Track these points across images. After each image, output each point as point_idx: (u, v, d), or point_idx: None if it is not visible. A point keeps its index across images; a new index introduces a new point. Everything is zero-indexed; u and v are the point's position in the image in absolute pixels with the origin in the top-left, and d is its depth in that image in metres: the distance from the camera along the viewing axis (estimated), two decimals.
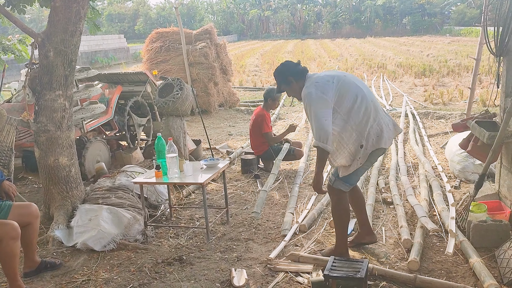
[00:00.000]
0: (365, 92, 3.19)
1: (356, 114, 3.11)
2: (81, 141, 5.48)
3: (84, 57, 26.76)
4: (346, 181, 3.30)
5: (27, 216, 3.18)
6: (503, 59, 3.95)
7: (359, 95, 3.14)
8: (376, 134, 3.16)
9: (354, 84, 3.19)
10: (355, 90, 3.15)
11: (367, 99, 3.16)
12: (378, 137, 3.16)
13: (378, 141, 3.17)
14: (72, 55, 4.10)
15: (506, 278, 3.01)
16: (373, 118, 3.15)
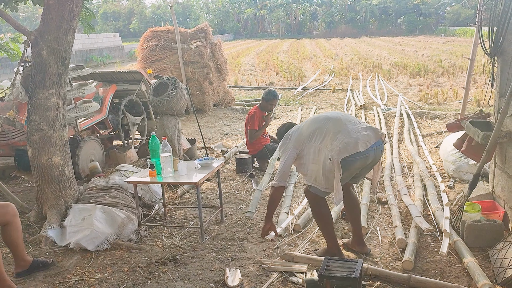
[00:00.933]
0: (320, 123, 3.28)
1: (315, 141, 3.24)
2: (74, 140, 5.44)
3: (78, 55, 26.64)
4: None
5: (4, 216, 3.13)
6: (497, 60, 3.96)
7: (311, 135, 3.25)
8: (343, 142, 3.14)
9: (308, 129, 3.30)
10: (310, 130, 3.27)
11: (321, 129, 3.24)
12: (346, 144, 3.12)
13: (346, 147, 3.13)
14: (65, 53, 4.06)
15: (500, 278, 3.02)
16: (332, 133, 3.19)
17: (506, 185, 3.84)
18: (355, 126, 3.24)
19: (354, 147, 3.10)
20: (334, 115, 3.35)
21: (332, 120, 3.27)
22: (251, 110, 5.88)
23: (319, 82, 14.60)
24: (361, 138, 3.15)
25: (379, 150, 3.28)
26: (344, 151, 3.09)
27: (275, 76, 16.97)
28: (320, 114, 3.46)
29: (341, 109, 10.04)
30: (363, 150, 3.12)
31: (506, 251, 3.15)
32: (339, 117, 3.31)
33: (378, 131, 3.28)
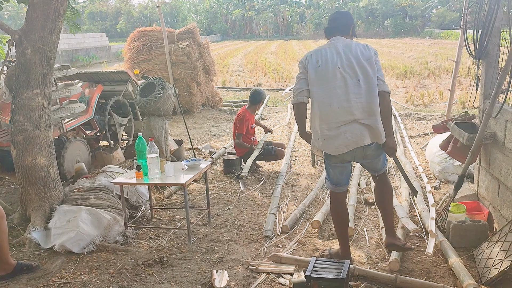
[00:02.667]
0: (344, 94, 3.01)
1: (317, 104, 3.11)
2: (60, 140, 5.38)
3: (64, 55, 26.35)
4: (328, 179, 3.32)
5: None
6: (482, 62, 4.01)
7: (328, 91, 3.04)
8: (316, 135, 3.12)
9: (334, 79, 3.03)
10: (330, 85, 3.03)
11: (340, 99, 3.01)
12: (325, 140, 3.08)
13: (323, 143, 3.09)
14: (50, 53, 4.01)
15: (485, 277, 3.05)
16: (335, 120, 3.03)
17: (491, 186, 3.89)
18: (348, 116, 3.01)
19: (328, 148, 3.09)
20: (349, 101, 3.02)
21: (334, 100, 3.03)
22: (240, 111, 5.85)
23: None
24: (342, 137, 3.02)
25: (364, 150, 3.09)
26: (322, 146, 3.12)
27: (263, 77, 16.98)
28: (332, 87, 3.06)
29: None
30: (337, 154, 3.10)
31: (490, 251, 3.19)
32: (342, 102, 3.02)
33: (378, 134, 3.06)
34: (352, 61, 3.04)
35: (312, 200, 4.69)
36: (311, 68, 3.08)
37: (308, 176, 5.59)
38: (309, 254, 3.56)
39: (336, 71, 3.03)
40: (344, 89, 3.02)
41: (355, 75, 3.02)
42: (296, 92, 3.15)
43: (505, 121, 3.55)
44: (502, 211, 3.65)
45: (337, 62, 3.04)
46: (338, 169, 3.24)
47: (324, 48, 3.14)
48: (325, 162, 3.29)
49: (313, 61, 3.08)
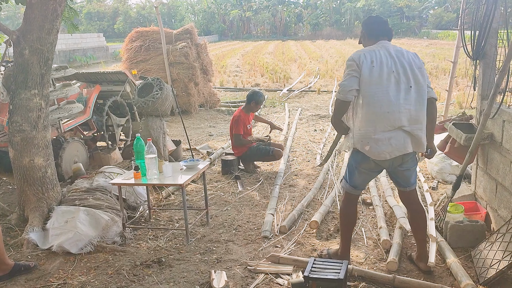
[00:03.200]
0: (395, 99, 2.93)
1: (367, 105, 2.97)
2: (58, 141, 5.37)
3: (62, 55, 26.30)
4: (347, 179, 3.24)
5: None
6: (479, 62, 4.02)
7: (381, 91, 2.94)
8: (367, 140, 2.98)
9: (388, 83, 2.95)
10: (383, 88, 2.95)
11: (390, 104, 2.93)
12: (368, 143, 2.98)
13: (365, 145, 2.99)
14: (48, 54, 4.01)
15: (482, 277, 3.06)
16: (383, 124, 2.94)
17: (488, 186, 3.91)
18: (396, 122, 2.94)
19: (370, 151, 2.99)
20: (399, 106, 2.95)
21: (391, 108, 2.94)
22: (235, 113, 5.87)
23: (304, 84, 14.66)
24: (386, 144, 2.95)
25: (403, 158, 3.06)
26: (360, 143, 3.01)
27: (261, 78, 16.99)
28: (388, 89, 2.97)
29: (326, 111, 10.09)
30: (377, 160, 3.02)
31: (488, 251, 3.20)
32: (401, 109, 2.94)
33: (420, 143, 3.03)
34: (406, 67, 3.00)
35: (310, 200, 4.69)
36: (366, 68, 2.96)
37: (306, 177, 5.59)
38: (307, 254, 3.56)
39: (390, 75, 2.97)
40: (396, 93, 2.95)
41: (408, 82, 2.98)
42: (345, 88, 2.96)
43: (502, 122, 3.57)
44: (499, 211, 3.66)
45: (392, 66, 2.98)
46: (363, 175, 3.19)
47: (377, 50, 3.04)
48: (351, 164, 3.19)
49: (368, 61, 2.97)
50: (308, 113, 9.90)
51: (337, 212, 4.37)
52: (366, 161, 3.08)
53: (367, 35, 3.22)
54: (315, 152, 6.71)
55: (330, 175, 5.48)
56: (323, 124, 8.77)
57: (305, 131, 8.17)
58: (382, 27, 3.19)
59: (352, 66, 3.00)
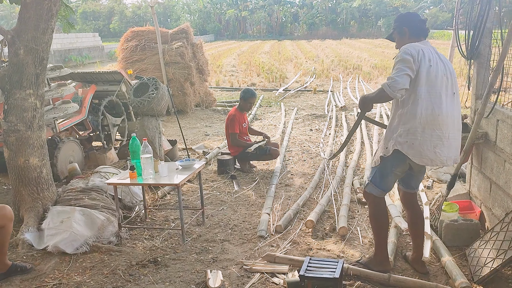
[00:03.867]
0: (445, 103, 2.90)
1: (420, 105, 2.87)
2: (53, 141, 5.35)
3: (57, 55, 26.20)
4: (377, 184, 3.12)
5: (1, 219, 3.09)
6: (474, 62, 4.05)
7: (437, 92, 2.88)
8: (412, 140, 2.90)
9: (441, 86, 2.90)
10: (437, 90, 2.89)
11: (441, 106, 2.89)
12: (411, 144, 2.91)
13: (407, 147, 2.91)
14: (43, 53, 3.99)
15: (477, 276, 3.08)
16: (428, 125, 2.88)
17: (482, 185, 3.93)
18: (447, 138, 2.92)
19: (414, 154, 2.91)
20: (449, 105, 2.91)
21: (444, 111, 2.89)
22: (230, 112, 5.88)
23: (300, 84, 14.68)
24: (431, 151, 2.90)
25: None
26: (405, 144, 2.91)
27: (257, 77, 16.99)
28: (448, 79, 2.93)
29: (322, 110, 10.11)
30: (417, 162, 2.95)
31: (482, 250, 3.22)
32: (452, 113, 2.92)
33: (457, 154, 3.02)
34: (452, 73, 2.97)
35: (306, 199, 4.70)
36: (424, 67, 2.83)
37: (302, 176, 5.60)
38: (303, 253, 3.57)
39: (443, 77, 2.90)
40: (446, 98, 2.90)
41: (452, 88, 2.95)
42: (396, 85, 2.77)
43: (496, 121, 3.59)
44: (493, 210, 3.68)
45: (443, 69, 2.91)
46: (395, 178, 3.12)
47: (429, 49, 2.94)
48: (387, 167, 3.05)
49: (426, 59, 2.85)
50: (304, 112, 9.92)
51: (332, 211, 4.38)
52: (403, 163, 2.99)
53: (409, 33, 3.04)
54: (311, 151, 6.72)
55: (326, 174, 5.49)
56: (319, 123, 8.79)
57: (301, 131, 8.19)
58: (424, 26, 3.06)
59: (409, 61, 2.81)
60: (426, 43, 3.01)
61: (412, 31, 3.04)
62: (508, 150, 3.38)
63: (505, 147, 3.45)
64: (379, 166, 3.10)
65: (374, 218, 3.25)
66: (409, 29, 3.05)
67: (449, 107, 2.92)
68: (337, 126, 8.38)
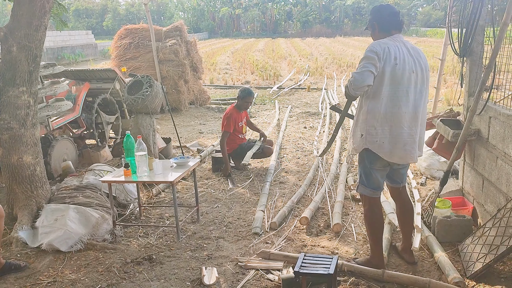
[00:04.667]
0: (412, 100, 2.91)
1: (385, 104, 2.89)
2: (46, 139, 5.33)
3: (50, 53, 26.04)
4: (365, 184, 3.13)
5: None
6: (466, 60, 4.08)
7: (401, 91, 2.88)
8: (382, 139, 2.92)
9: (408, 83, 2.89)
10: (403, 88, 2.88)
11: (408, 104, 2.91)
12: (381, 142, 2.93)
13: (378, 146, 2.94)
14: (36, 51, 3.97)
15: (469, 271, 3.12)
16: (393, 123, 2.90)
17: (475, 181, 3.97)
18: (410, 134, 2.95)
19: (383, 151, 2.94)
20: (416, 100, 2.94)
21: (410, 106, 2.91)
22: (228, 110, 5.87)
23: (294, 81, 14.70)
24: (401, 148, 2.94)
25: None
26: (377, 146, 2.93)
27: (251, 75, 16.99)
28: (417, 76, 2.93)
29: (316, 108, 10.14)
30: (388, 160, 2.97)
31: (475, 246, 3.25)
32: (418, 108, 2.94)
33: (422, 146, 3.06)
34: (423, 68, 2.94)
35: (300, 197, 4.72)
36: (388, 66, 2.82)
37: (296, 173, 5.62)
38: (298, 250, 3.59)
39: (411, 75, 2.88)
40: (413, 95, 2.91)
41: (422, 83, 2.94)
42: (357, 84, 2.81)
43: (488, 118, 3.62)
44: (486, 206, 3.72)
45: (412, 65, 2.89)
46: (380, 173, 3.10)
47: (397, 45, 2.90)
48: (365, 165, 3.08)
49: (391, 57, 2.83)
50: (298, 110, 9.93)
51: (326, 208, 4.40)
52: (378, 158, 3.00)
53: (378, 28, 3.03)
54: (305, 149, 6.74)
55: (320, 172, 5.51)
56: (313, 121, 8.81)
57: (295, 128, 8.20)
58: (395, 19, 3.00)
59: (372, 59, 2.81)
60: (396, 37, 2.96)
61: (381, 25, 3.02)
62: (500, 146, 3.42)
63: (497, 143, 3.48)
64: (361, 166, 3.13)
65: (367, 220, 3.25)
66: (378, 23, 3.04)
67: (417, 103, 2.94)
68: (331, 124, 8.41)
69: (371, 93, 2.90)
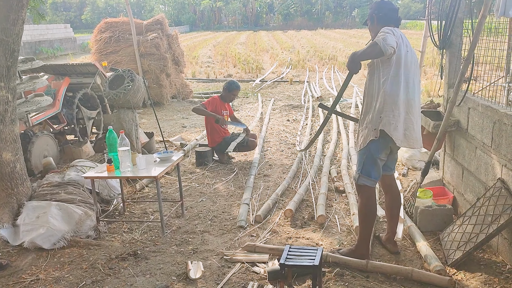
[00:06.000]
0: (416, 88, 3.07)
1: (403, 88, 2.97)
2: (26, 135, 5.24)
3: (27, 47, 25.46)
4: (369, 174, 3.13)
5: None
6: (446, 52, 4.14)
7: (411, 78, 3.01)
8: (397, 122, 2.98)
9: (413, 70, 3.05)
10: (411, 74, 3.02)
11: (414, 91, 3.04)
12: (396, 126, 2.98)
13: (392, 129, 2.98)
14: (14, 45, 3.89)
15: (450, 259, 3.19)
16: (406, 108, 3.00)
17: (455, 171, 4.04)
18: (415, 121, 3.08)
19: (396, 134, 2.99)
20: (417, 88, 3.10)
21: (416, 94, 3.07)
22: (213, 96, 5.95)
23: (277, 74, 14.70)
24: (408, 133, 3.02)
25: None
26: (391, 128, 2.97)
27: (233, 68, 16.94)
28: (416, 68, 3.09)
29: (299, 101, 10.17)
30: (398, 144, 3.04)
31: (455, 234, 3.32)
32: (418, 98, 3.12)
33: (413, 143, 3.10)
34: (417, 61, 3.13)
35: (285, 189, 4.75)
36: (403, 50, 2.94)
37: (280, 166, 5.64)
38: (283, 242, 3.61)
39: (416, 65, 3.07)
40: (415, 84, 3.05)
41: (418, 76, 3.13)
42: (388, 41, 2.78)
43: (468, 109, 3.69)
44: (465, 195, 3.80)
45: (414, 56, 3.06)
46: (381, 163, 3.15)
47: (402, 34, 2.99)
48: (372, 155, 3.09)
49: (404, 44, 2.95)
50: (281, 103, 9.95)
51: (310, 200, 4.44)
52: (386, 147, 3.08)
53: (377, 20, 3.10)
54: (288, 142, 6.77)
55: (304, 164, 5.55)
56: (296, 114, 8.84)
57: (278, 121, 8.22)
58: (394, 15, 3.10)
59: (393, 35, 2.84)
60: (397, 30, 3.04)
61: (380, 18, 3.10)
62: (479, 137, 3.49)
63: (476, 134, 3.55)
64: (365, 157, 3.13)
65: (366, 210, 3.25)
66: (377, 16, 3.12)
67: (417, 93, 3.09)
68: (314, 117, 8.45)
69: (390, 76, 2.96)
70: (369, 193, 3.21)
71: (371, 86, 3.08)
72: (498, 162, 3.20)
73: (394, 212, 3.42)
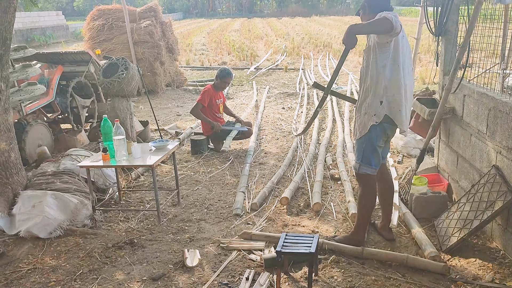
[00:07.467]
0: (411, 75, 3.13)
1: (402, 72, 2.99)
2: (20, 124, 5.19)
3: (19, 35, 25.12)
4: (370, 162, 3.14)
5: None
6: (442, 39, 4.13)
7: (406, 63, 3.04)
8: (399, 107, 3.01)
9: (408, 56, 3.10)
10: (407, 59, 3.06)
11: (410, 76, 3.09)
12: (398, 110, 3.02)
13: (395, 113, 3.02)
14: (6, 33, 3.84)
15: (445, 245, 3.22)
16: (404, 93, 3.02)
17: (450, 158, 4.07)
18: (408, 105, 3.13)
19: (398, 119, 3.04)
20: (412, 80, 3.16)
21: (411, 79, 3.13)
22: (206, 86, 5.88)
23: (272, 62, 14.64)
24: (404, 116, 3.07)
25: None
26: (394, 112, 3.01)
27: (228, 56, 16.83)
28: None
29: (294, 88, 10.15)
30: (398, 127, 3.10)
31: (450, 221, 3.36)
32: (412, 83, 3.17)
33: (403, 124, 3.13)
34: (409, 46, 3.13)
35: (280, 177, 4.76)
36: (401, 34, 2.95)
37: (275, 155, 5.65)
38: (279, 230, 3.63)
39: (408, 50, 3.10)
40: (409, 71, 3.10)
41: (412, 63, 3.19)
42: (396, 19, 2.80)
43: (463, 96, 3.70)
44: (460, 182, 3.83)
45: (408, 42, 3.09)
46: (380, 150, 3.19)
47: None
48: (372, 143, 3.10)
49: (402, 28, 2.93)
50: (276, 91, 9.93)
51: (306, 188, 4.45)
52: (384, 134, 3.11)
53: (369, 9, 3.10)
54: (284, 130, 6.77)
55: (299, 152, 5.56)
56: (291, 102, 8.83)
57: (273, 109, 8.21)
58: (387, 4, 3.09)
59: (394, 20, 2.80)
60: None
61: (372, 7, 3.08)
62: (474, 124, 3.50)
63: (471, 121, 3.57)
64: (365, 145, 3.14)
65: (366, 198, 3.26)
66: (369, 5, 3.12)
67: (411, 78, 3.15)
68: (309, 104, 8.44)
69: (389, 61, 2.96)
70: (371, 181, 3.23)
71: (368, 72, 3.07)
72: (493, 149, 3.22)
73: (388, 198, 3.45)
